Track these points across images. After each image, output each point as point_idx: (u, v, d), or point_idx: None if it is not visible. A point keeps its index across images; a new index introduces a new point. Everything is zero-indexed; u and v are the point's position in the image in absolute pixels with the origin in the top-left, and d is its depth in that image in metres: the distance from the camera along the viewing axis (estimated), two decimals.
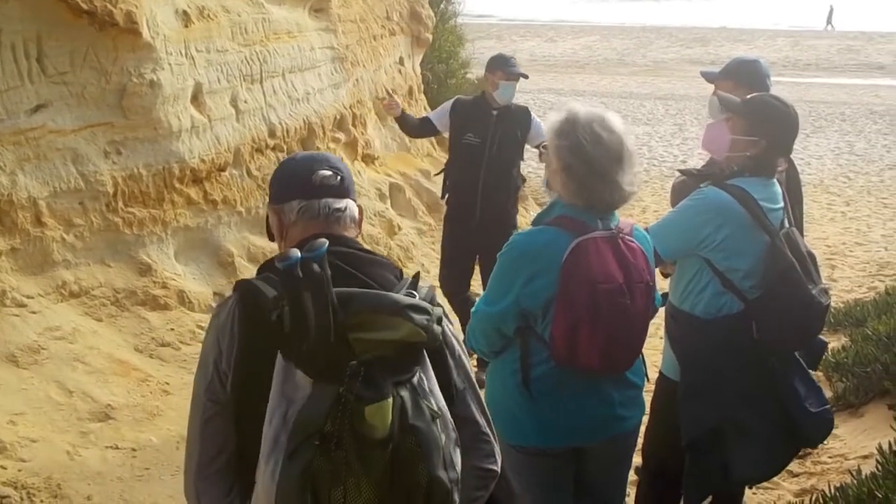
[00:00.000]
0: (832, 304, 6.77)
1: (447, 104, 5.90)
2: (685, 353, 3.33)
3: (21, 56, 4.88)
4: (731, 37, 37.59)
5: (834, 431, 4.38)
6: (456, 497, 1.76)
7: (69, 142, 5.09)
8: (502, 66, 5.57)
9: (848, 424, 4.74)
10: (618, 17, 48.59)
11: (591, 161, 2.70)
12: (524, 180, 5.93)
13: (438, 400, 1.80)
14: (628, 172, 2.73)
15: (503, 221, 5.56)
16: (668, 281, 3.51)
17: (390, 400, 1.68)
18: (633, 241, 2.79)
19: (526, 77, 5.78)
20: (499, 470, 2.03)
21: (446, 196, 5.84)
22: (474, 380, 2.06)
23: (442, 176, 5.94)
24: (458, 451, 1.80)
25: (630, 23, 44.69)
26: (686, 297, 3.32)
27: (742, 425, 3.17)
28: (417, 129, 6.19)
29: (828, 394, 4.99)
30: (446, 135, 5.94)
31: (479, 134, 5.52)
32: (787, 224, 3.28)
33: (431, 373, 1.83)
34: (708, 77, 4.15)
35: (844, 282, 7.97)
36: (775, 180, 3.33)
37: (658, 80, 25.14)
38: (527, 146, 5.69)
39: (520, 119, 5.63)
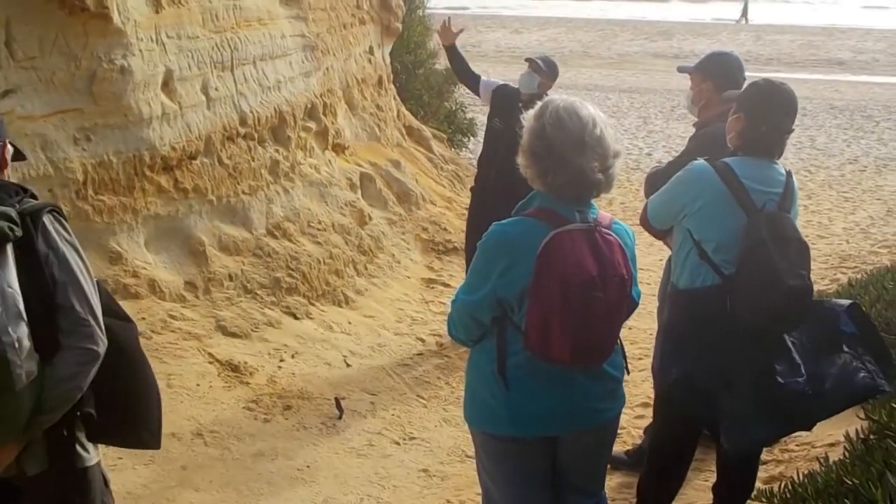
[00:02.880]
0: None
1: (495, 81, 6.59)
2: (664, 321, 3.56)
3: None
4: (694, 31, 37.88)
5: None
6: (11, 357, 2.25)
7: (38, 128, 5.01)
8: (531, 61, 6.21)
9: None
10: (582, 11, 48.74)
11: (550, 143, 2.76)
12: None
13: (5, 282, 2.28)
14: (593, 161, 2.75)
15: (518, 199, 5.76)
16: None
17: None
18: (610, 235, 2.82)
19: (538, 65, 6.13)
20: (99, 350, 2.41)
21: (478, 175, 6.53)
22: (81, 277, 2.43)
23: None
24: (18, 322, 2.28)
25: (595, 16, 44.85)
26: (675, 270, 3.48)
27: (711, 391, 3.28)
28: (465, 73, 6.71)
29: None
30: (482, 103, 6.66)
31: (504, 119, 6.02)
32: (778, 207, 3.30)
33: (10, 263, 2.30)
34: (682, 70, 4.32)
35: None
36: (777, 165, 3.40)
37: (622, 73, 25.27)
38: None
39: None
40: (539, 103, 2.92)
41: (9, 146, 2.60)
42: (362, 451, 4.74)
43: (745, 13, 42.09)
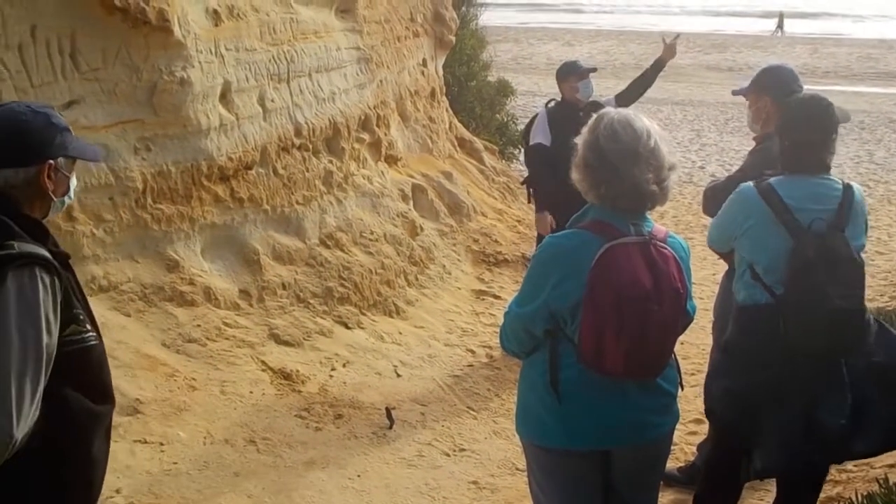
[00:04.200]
0: None
1: (540, 116, 6.28)
2: (720, 335, 3.62)
3: (55, 52, 4.94)
4: (748, 43, 37.48)
5: None
6: None
7: (100, 138, 5.13)
8: (573, 71, 6.32)
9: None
10: (634, 21, 48.52)
11: (604, 156, 2.76)
12: None
13: None
14: (648, 172, 2.74)
15: None
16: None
17: None
18: (665, 248, 2.80)
19: (594, 70, 6.36)
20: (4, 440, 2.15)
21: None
22: (11, 356, 2.16)
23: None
24: None
25: (647, 27, 44.62)
26: (735, 285, 3.51)
27: (757, 410, 3.23)
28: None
29: None
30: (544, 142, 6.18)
31: (578, 133, 5.82)
32: (828, 226, 3.25)
33: None
34: (737, 93, 4.35)
35: (867, 290, 7.93)
36: (831, 180, 3.36)
37: (675, 86, 25.06)
38: None
39: (597, 111, 5.94)
40: (594, 115, 2.92)
41: (63, 174, 2.41)
42: (412, 462, 4.76)
43: (780, 25, 41.96)
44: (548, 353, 2.87)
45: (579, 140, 2.89)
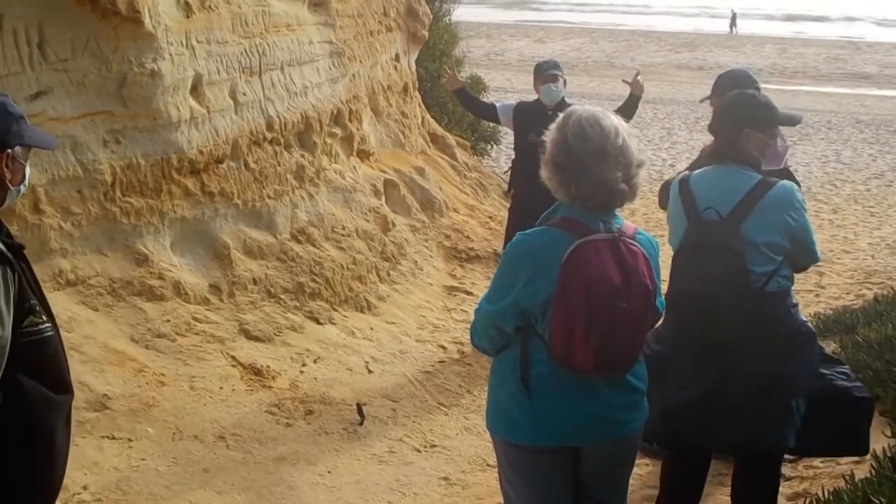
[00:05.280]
0: (821, 310, 6.90)
1: (510, 104, 6.81)
2: None
3: (22, 42, 4.88)
4: (718, 42, 37.78)
5: None
6: None
7: (69, 129, 5.07)
8: (538, 73, 6.40)
9: None
10: (607, 19, 48.75)
11: (572, 154, 2.77)
12: None
13: None
14: (616, 170, 2.75)
15: None
16: None
17: None
18: (634, 245, 2.82)
19: (554, 79, 6.31)
20: None
21: (511, 190, 6.64)
22: None
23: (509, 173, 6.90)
24: None
25: (619, 25, 44.85)
26: None
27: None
28: (480, 109, 7.18)
29: None
30: (504, 128, 6.93)
31: (539, 133, 5.88)
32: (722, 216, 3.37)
33: None
34: (704, 101, 4.48)
35: (833, 289, 8.04)
36: (748, 172, 3.42)
37: (646, 84, 25.18)
38: None
39: None
40: (561, 114, 2.92)
41: (19, 162, 2.41)
42: (383, 458, 4.75)
43: (733, 23, 43.15)
44: (518, 349, 2.88)
45: (547, 138, 2.89)
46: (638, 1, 59.03)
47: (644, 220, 10.03)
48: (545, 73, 6.32)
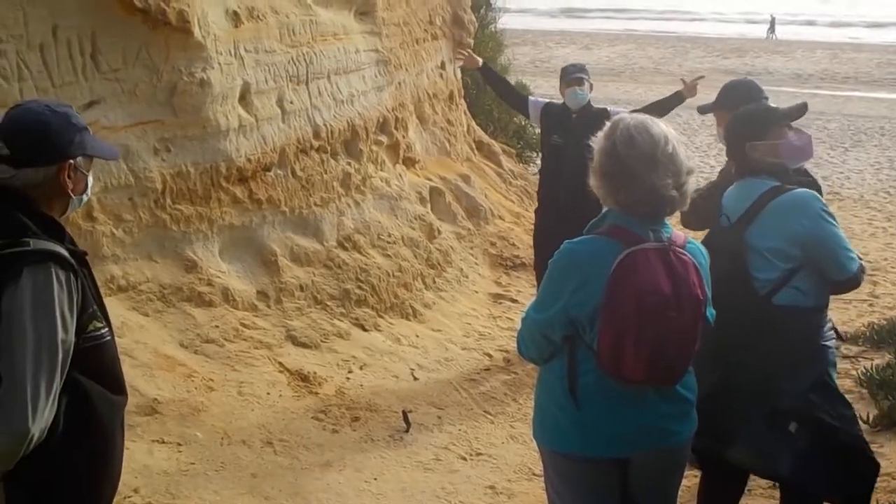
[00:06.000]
0: (875, 320, 6.76)
1: (542, 101, 6.82)
2: None
3: (76, 52, 4.96)
4: (767, 48, 37.30)
5: (880, 450, 4.36)
6: None
7: (120, 138, 5.14)
8: (563, 76, 6.41)
9: (894, 443, 4.69)
10: (652, 26, 48.44)
11: (621, 161, 2.74)
12: None
13: None
14: (666, 177, 2.73)
15: (588, 216, 5.86)
16: None
17: None
18: (684, 254, 2.78)
19: (581, 80, 6.30)
20: (24, 431, 2.18)
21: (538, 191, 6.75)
22: (32, 348, 2.20)
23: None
24: None
25: (666, 32, 44.53)
26: None
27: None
28: (509, 94, 7.12)
29: (872, 412, 4.96)
30: (533, 123, 6.94)
31: (562, 135, 6.21)
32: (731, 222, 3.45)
33: None
34: (703, 111, 4.37)
35: (887, 298, 7.88)
36: (764, 181, 3.45)
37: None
38: None
39: (599, 119, 5.92)
40: (608, 122, 2.90)
41: (81, 172, 2.45)
42: (429, 466, 4.74)
43: (772, 29, 42.72)
44: (566, 358, 2.85)
45: (595, 145, 2.87)
46: (684, 7, 58.61)
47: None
48: (570, 76, 6.32)
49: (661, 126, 2.81)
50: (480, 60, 7.14)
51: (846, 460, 3.30)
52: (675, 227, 2.85)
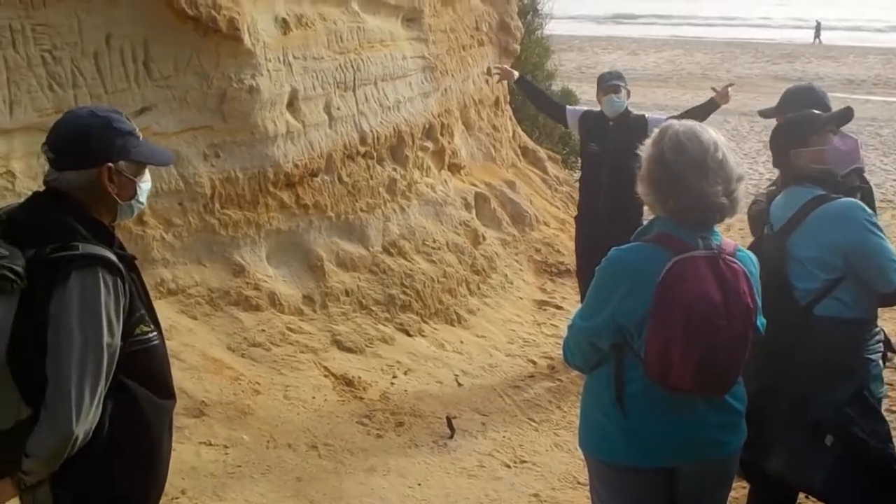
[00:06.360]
0: None
1: (580, 109, 6.83)
2: None
3: (129, 59, 5.05)
4: (818, 53, 36.74)
5: None
6: None
7: (171, 144, 5.20)
8: (600, 83, 6.36)
9: None
10: (700, 32, 47.99)
11: (669, 167, 2.72)
12: None
13: None
14: (716, 184, 2.69)
15: (627, 224, 5.92)
16: None
17: None
18: (735, 262, 2.75)
19: (618, 88, 6.26)
20: (69, 432, 2.22)
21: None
22: (77, 351, 2.23)
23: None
24: None
25: (714, 37, 44.09)
26: None
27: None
28: (547, 104, 7.17)
29: None
30: (571, 132, 6.93)
31: (599, 143, 6.24)
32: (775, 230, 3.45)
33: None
34: (765, 115, 4.30)
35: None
36: (808, 188, 3.42)
37: (743, 96, 24.64)
38: None
39: (637, 127, 6.07)
40: (657, 130, 2.88)
41: (126, 177, 2.44)
42: (473, 472, 4.73)
43: (817, 34, 42.33)
44: (613, 366, 2.83)
45: (643, 153, 2.85)
46: (732, 13, 58.01)
47: (740, 236, 9.79)
48: (607, 83, 6.28)
49: (711, 132, 2.78)
50: (516, 73, 7.16)
51: (875, 477, 3.24)
52: (724, 235, 2.82)
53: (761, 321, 2.91)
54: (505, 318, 6.96)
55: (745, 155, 15.45)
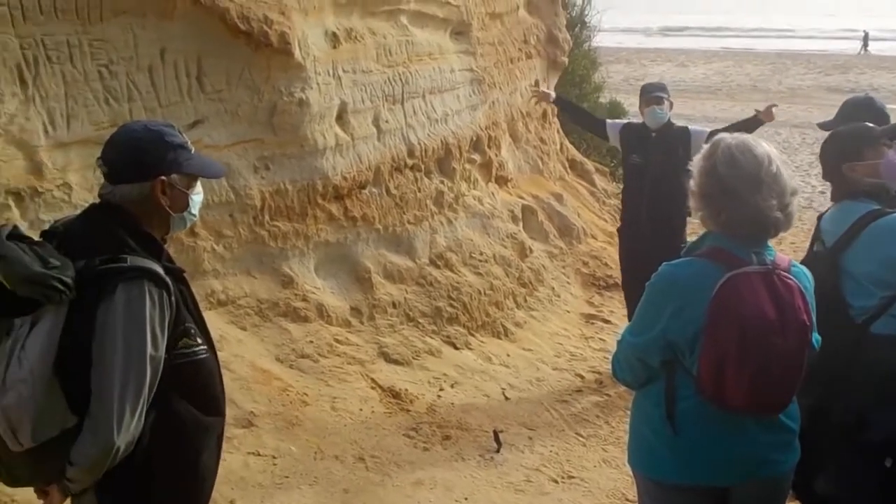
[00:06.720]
0: None
1: (620, 122, 6.82)
2: None
3: (182, 73, 5.12)
4: (872, 64, 36.12)
5: None
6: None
7: (223, 156, 5.27)
8: (643, 95, 6.32)
9: None
10: (749, 44, 47.46)
11: (722, 181, 2.68)
12: None
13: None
14: (770, 198, 2.65)
15: (671, 236, 5.95)
16: None
17: None
18: (789, 278, 2.69)
19: (661, 99, 6.20)
20: (110, 443, 2.24)
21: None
22: (120, 364, 2.25)
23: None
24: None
25: (765, 49, 43.59)
26: None
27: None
28: (585, 119, 7.13)
29: None
30: (613, 144, 6.81)
31: (641, 154, 6.19)
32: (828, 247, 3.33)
33: (46, 327, 2.23)
34: (824, 127, 4.22)
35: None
36: (861, 203, 3.33)
37: (794, 108, 24.33)
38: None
39: (679, 138, 6.12)
40: (707, 145, 2.84)
41: (179, 189, 2.47)
42: (520, 487, 4.70)
43: (865, 45, 41.72)
44: (664, 384, 2.79)
45: (694, 168, 2.81)
46: (781, 24, 57.31)
47: (792, 250, 9.64)
48: (650, 94, 6.24)
49: (764, 145, 2.74)
50: (553, 94, 7.20)
51: None
52: (778, 250, 2.77)
53: (816, 338, 2.85)
54: (552, 332, 6.93)
55: (797, 168, 15.22)
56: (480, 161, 7.80)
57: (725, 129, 6.37)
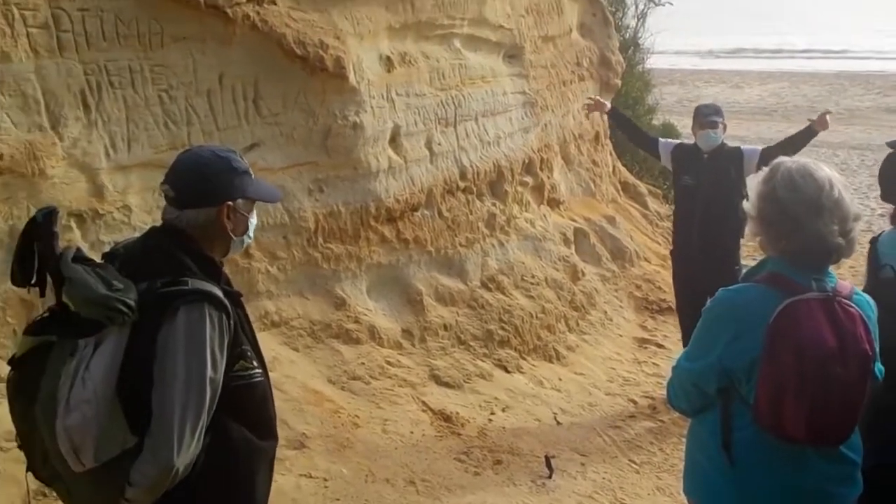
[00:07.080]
0: None
1: (672, 142, 6.79)
2: None
3: (239, 97, 5.22)
4: None
5: None
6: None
7: (278, 179, 5.34)
8: (697, 117, 6.26)
9: None
10: (805, 64, 46.79)
11: (782, 206, 2.63)
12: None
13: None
14: (832, 224, 2.60)
15: (723, 259, 5.90)
16: None
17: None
18: (851, 306, 2.63)
19: (715, 124, 6.15)
20: (169, 465, 2.26)
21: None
22: (181, 386, 2.28)
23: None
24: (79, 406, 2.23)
25: (822, 69, 42.91)
26: None
27: None
28: (638, 135, 7.06)
29: None
30: (664, 164, 6.78)
31: (693, 176, 6.13)
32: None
33: (110, 348, 2.26)
34: (893, 146, 4.10)
35: None
36: None
37: (852, 129, 23.90)
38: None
39: (732, 159, 6.07)
40: (766, 168, 2.79)
41: (241, 213, 2.52)
42: None
43: None
44: (719, 412, 2.73)
45: (752, 191, 2.77)
46: (837, 45, 56.41)
47: (852, 275, 9.44)
48: (705, 118, 6.17)
49: (826, 169, 2.69)
50: (608, 105, 7.17)
51: None
52: (837, 274, 2.71)
53: (879, 368, 2.78)
54: (604, 356, 6.86)
55: (856, 190, 14.92)
56: (532, 183, 7.79)
57: (778, 145, 6.30)
